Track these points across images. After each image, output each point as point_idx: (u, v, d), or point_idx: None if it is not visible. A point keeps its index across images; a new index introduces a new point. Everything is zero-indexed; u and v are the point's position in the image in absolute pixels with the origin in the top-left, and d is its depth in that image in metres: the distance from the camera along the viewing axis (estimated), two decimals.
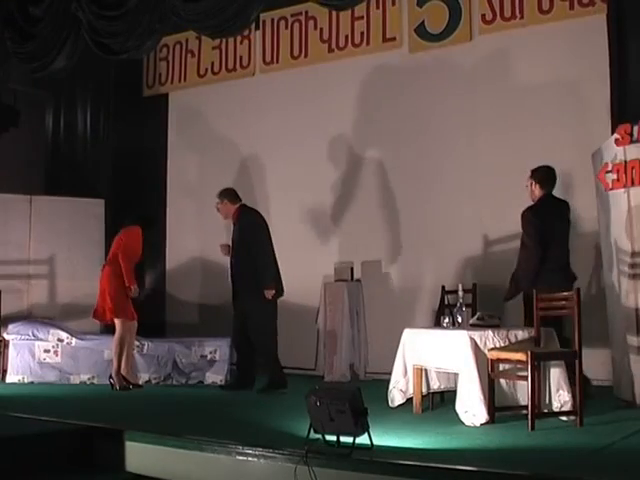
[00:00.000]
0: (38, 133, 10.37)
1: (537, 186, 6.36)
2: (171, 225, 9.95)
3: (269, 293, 7.14)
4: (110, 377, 7.44)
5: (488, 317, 5.78)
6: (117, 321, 7.46)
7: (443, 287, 6.74)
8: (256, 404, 6.48)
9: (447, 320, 5.95)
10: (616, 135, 6.02)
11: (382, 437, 4.58)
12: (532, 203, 6.37)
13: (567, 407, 5.34)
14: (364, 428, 4.25)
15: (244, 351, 7.33)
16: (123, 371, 7.45)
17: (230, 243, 7.48)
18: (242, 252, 7.28)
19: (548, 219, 6.22)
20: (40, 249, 9.15)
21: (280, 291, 7.30)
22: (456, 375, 5.57)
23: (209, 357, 7.91)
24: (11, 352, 7.86)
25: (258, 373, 7.30)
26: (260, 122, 9.35)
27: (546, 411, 5.39)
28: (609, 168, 6.08)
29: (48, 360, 7.86)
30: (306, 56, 9.11)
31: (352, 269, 8.24)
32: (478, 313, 5.98)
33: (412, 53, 8.43)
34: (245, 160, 9.49)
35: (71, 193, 9.48)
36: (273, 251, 7.35)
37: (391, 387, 5.93)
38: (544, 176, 6.38)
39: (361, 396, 4.26)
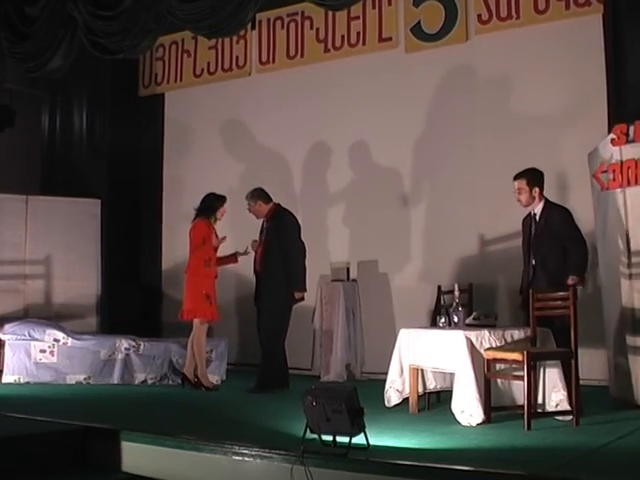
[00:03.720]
0: (34, 133, 10.35)
1: (537, 190, 6.11)
2: (167, 225, 9.94)
3: (299, 295, 7.14)
4: (181, 375, 7.46)
5: (484, 317, 5.80)
6: (194, 321, 7.40)
7: (439, 287, 6.74)
8: (252, 404, 6.47)
9: (443, 320, 5.96)
10: (612, 135, 6.02)
11: (378, 437, 4.58)
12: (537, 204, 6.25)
13: (563, 407, 5.35)
14: (360, 428, 4.25)
15: None
16: (186, 371, 7.39)
17: (258, 239, 7.35)
18: (273, 252, 7.16)
19: None
20: (36, 249, 9.13)
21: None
22: (452, 375, 5.57)
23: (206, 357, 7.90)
24: (7, 352, 7.83)
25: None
26: (256, 122, 9.35)
27: (542, 411, 5.40)
28: (605, 168, 6.07)
29: (44, 360, 7.83)
30: (302, 56, 9.10)
31: (348, 269, 8.23)
32: (474, 313, 6.00)
33: (408, 53, 8.43)
34: (241, 160, 9.47)
35: (67, 193, 9.47)
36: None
37: (387, 387, 5.93)
38: (542, 180, 6.20)
39: (357, 396, 4.26)
